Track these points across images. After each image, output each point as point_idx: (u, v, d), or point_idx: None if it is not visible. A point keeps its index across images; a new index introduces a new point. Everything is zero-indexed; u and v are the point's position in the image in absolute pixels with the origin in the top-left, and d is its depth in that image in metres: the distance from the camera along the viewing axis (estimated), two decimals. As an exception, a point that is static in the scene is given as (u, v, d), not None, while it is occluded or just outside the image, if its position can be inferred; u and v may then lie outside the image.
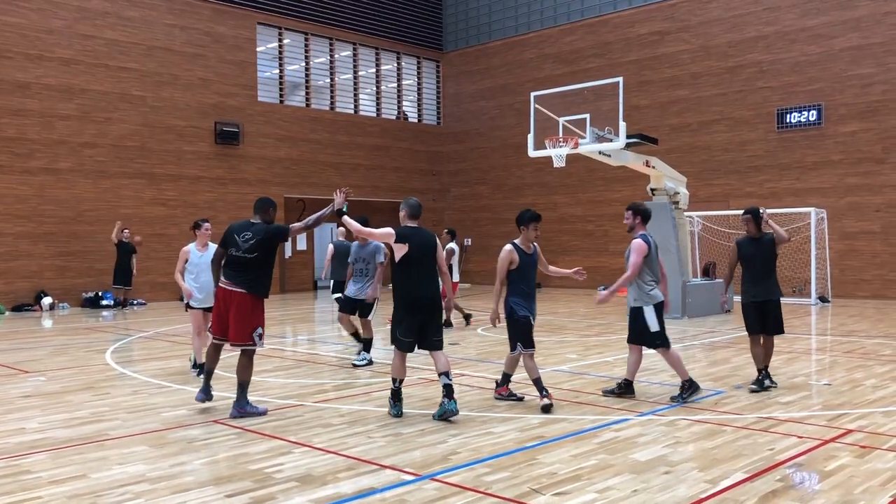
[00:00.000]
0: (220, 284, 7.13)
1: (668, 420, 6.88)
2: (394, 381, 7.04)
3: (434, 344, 6.97)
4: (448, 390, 6.83)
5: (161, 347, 12.28)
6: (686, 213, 17.65)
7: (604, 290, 8.14)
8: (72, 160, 20.31)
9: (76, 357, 11.23)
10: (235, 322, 6.97)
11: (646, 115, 23.44)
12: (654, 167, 16.17)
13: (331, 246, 11.83)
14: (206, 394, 7.42)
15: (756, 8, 21.96)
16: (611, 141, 15.05)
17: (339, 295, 11.04)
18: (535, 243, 7.58)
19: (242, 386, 7.11)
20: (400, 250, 6.85)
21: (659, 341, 7.71)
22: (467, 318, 14.54)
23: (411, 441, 6.23)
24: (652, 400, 7.78)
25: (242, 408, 7.08)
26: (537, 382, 7.35)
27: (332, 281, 12.04)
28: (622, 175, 22.39)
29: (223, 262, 7.19)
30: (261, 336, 7.13)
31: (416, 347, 7.01)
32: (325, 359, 10.91)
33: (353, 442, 6.21)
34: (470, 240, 20.20)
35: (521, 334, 7.43)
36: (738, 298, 9.52)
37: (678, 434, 6.38)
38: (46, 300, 19.37)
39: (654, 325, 7.67)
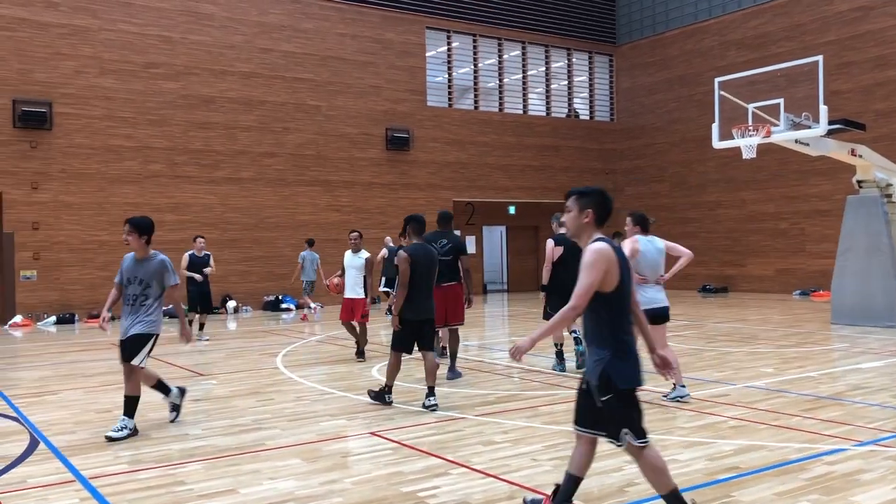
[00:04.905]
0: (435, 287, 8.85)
1: (894, 452, 5.69)
2: (555, 344, 9.73)
3: None
4: None
5: (329, 352, 12.26)
6: (900, 208, 15.50)
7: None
8: (253, 170, 21.18)
9: (249, 361, 11.39)
10: (455, 307, 9.28)
11: (848, 101, 21.05)
12: (860, 156, 14.29)
13: (385, 250, 15.55)
14: (455, 372, 9.29)
15: (982, -30, 19.12)
16: (809, 128, 13.45)
17: (388, 289, 15.57)
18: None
19: (454, 354, 9.43)
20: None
21: None
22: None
23: (581, 467, 5.47)
24: (872, 426, 6.55)
25: (454, 371, 9.29)
26: None
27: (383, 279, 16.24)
28: (820, 167, 20.26)
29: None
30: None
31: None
32: (490, 366, 10.35)
33: (516, 464, 5.58)
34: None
35: None
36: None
37: (912, 472, 5.21)
38: (231, 303, 20.29)
39: None
